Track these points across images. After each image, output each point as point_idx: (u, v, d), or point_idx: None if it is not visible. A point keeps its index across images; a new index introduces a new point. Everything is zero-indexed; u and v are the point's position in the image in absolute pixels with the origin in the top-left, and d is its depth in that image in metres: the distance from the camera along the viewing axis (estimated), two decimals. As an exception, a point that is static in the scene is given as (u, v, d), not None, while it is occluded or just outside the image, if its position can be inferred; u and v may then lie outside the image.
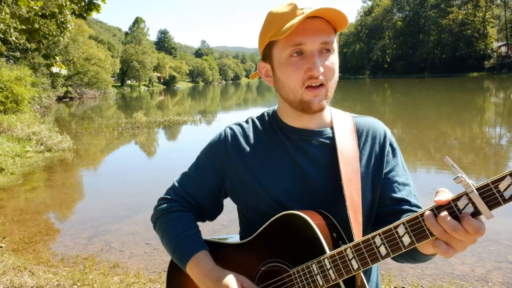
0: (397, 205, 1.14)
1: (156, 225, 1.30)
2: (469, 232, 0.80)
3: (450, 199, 0.83)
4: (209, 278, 1.11)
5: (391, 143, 1.22)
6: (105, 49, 68.07)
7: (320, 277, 1.00)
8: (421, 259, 1.03)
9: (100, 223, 5.80)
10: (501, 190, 0.77)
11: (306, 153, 1.17)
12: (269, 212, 1.12)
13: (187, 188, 1.28)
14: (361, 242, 0.95)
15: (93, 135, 16.00)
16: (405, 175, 1.20)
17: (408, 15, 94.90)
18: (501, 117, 17.70)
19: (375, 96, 35.59)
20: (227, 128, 1.29)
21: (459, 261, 4.03)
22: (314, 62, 1.05)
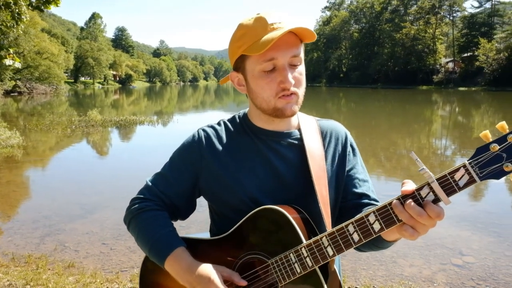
0: (358, 199, 1.27)
1: (130, 225, 1.31)
2: (431, 216, 0.93)
3: (414, 189, 0.96)
4: (189, 272, 1.15)
5: (351, 144, 1.35)
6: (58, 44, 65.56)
7: (298, 265, 1.10)
8: (384, 246, 1.15)
9: (53, 222, 5.62)
10: (456, 179, 0.92)
11: (277, 153, 1.26)
12: (243, 209, 1.20)
13: (161, 187, 1.31)
14: (336, 231, 1.06)
15: (44, 132, 15.39)
16: (364, 172, 1.34)
17: (364, 27, 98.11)
18: (447, 129, 18.71)
19: (331, 104, 36.51)
20: (200, 130, 1.34)
21: (408, 263, 4.27)
22: (286, 75, 1.13)
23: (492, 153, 0.90)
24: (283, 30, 1.09)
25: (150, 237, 1.23)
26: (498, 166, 0.89)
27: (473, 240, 4.94)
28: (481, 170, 0.90)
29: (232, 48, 1.21)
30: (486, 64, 60.79)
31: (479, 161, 0.91)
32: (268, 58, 1.13)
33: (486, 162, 0.90)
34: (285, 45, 1.12)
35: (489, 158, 0.90)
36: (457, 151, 12.84)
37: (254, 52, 1.12)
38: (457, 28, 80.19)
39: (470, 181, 0.91)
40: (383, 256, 4.35)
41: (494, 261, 4.34)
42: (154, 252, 1.22)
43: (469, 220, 5.58)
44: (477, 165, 0.90)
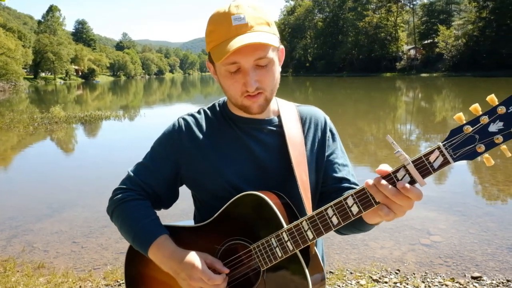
0: (339, 183, 1.29)
1: (113, 215, 1.32)
2: (409, 197, 0.96)
3: (390, 171, 0.99)
4: (173, 259, 1.16)
5: (331, 129, 1.37)
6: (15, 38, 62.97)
7: (279, 249, 1.12)
8: (365, 228, 1.18)
9: (19, 223, 5.44)
10: (431, 161, 0.94)
11: (257, 140, 1.27)
12: (225, 196, 1.21)
13: (143, 177, 1.32)
14: (315, 214, 1.08)
15: (4, 131, 14.80)
16: (344, 157, 1.36)
17: (328, 16, 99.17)
18: (411, 114, 19.25)
19: (298, 93, 36.78)
20: (180, 119, 1.34)
21: (379, 245, 4.39)
22: (248, 80, 1.13)
23: (465, 135, 0.92)
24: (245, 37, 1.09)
25: (133, 227, 1.24)
26: (471, 147, 0.92)
27: (439, 220, 5.13)
28: (455, 151, 0.93)
29: (205, 40, 1.21)
30: (446, 51, 62.87)
31: (452, 142, 0.93)
32: (230, 62, 1.13)
33: (460, 143, 0.92)
34: (247, 50, 1.10)
35: (463, 139, 0.92)
36: (421, 135, 13.24)
37: (215, 59, 1.14)
38: (417, 15, 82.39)
39: (445, 163, 0.93)
40: (355, 240, 4.45)
41: (459, 239, 4.52)
42: (137, 241, 1.23)
43: (435, 201, 5.78)
44: (450, 146, 0.93)
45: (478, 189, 6.79)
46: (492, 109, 0.90)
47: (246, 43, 1.07)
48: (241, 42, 1.07)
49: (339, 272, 3.79)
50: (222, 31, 1.12)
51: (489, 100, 0.90)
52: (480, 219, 5.16)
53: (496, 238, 4.52)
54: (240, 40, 1.09)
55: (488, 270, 3.81)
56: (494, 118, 0.90)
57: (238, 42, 1.08)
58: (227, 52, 1.08)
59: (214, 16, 1.17)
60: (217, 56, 1.12)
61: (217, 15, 1.16)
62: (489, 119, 0.90)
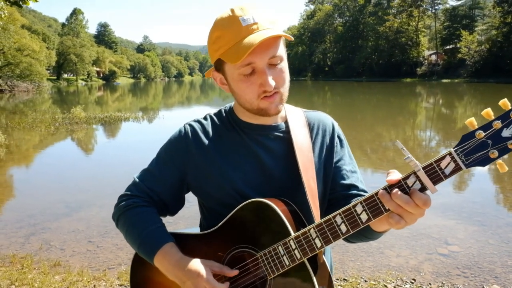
0: (347, 190, 1.27)
1: (119, 221, 1.31)
2: (418, 204, 0.93)
3: (400, 178, 0.96)
4: (178, 267, 1.15)
5: (339, 135, 1.35)
6: (39, 40, 64.39)
7: (287, 257, 1.09)
8: (373, 237, 1.15)
9: (38, 221, 5.54)
10: (442, 167, 0.92)
11: (264, 146, 1.25)
12: (231, 203, 1.20)
13: (149, 183, 1.31)
14: (323, 222, 1.06)
15: (27, 130, 15.14)
16: (352, 163, 1.34)
17: (348, 20, 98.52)
18: (431, 121, 18.94)
19: (316, 98, 36.62)
20: (186, 125, 1.33)
21: (395, 254, 4.32)
22: (266, 79, 1.11)
23: (477, 140, 0.89)
24: (258, 35, 1.07)
25: (139, 234, 1.23)
26: (483, 153, 0.89)
27: (458, 230, 5.01)
28: (467, 157, 0.90)
29: (210, 49, 1.19)
30: (468, 56, 61.65)
31: (464, 148, 0.90)
32: (246, 63, 1.11)
33: (472, 149, 0.90)
34: (262, 48, 1.09)
35: (475, 145, 0.90)
36: (441, 142, 13.01)
37: (230, 61, 1.11)
38: (439, 20, 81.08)
39: (456, 169, 0.91)
40: (370, 248, 4.39)
41: (478, 249, 4.41)
42: (143, 249, 1.21)
43: (454, 209, 5.66)
44: (462, 152, 0.90)
45: (499, 198, 6.61)
46: (505, 113, 0.87)
47: (265, 37, 1.05)
48: (259, 38, 1.05)
49: (353, 280, 3.74)
50: (233, 34, 1.10)
51: (501, 105, 0.87)
52: (500, 229, 5.03)
53: (516, 249, 4.39)
54: (255, 37, 1.07)
55: (508, 283, 3.71)
56: (507, 123, 0.87)
57: (255, 39, 1.06)
58: (246, 50, 1.05)
59: (219, 22, 1.14)
60: (234, 58, 1.09)
61: (222, 20, 1.13)
62: (502, 124, 0.88)
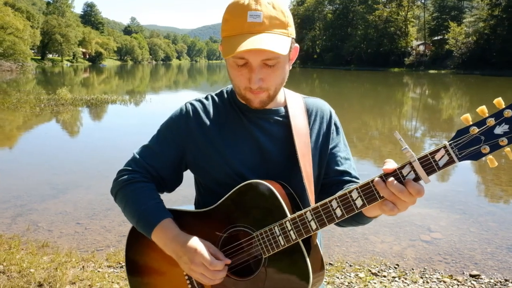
0: (340, 176, 1.32)
1: (117, 196, 1.32)
2: (412, 193, 0.98)
3: (396, 168, 1.01)
4: (176, 242, 1.18)
5: (335, 122, 1.39)
6: (23, 19, 62.86)
7: (282, 237, 1.14)
8: (364, 222, 1.20)
9: (24, 202, 5.51)
10: (436, 160, 0.97)
11: (263, 129, 1.28)
12: (229, 183, 1.23)
13: (148, 159, 1.32)
14: (320, 206, 1.10)
15: (11, 111, 14.89)
16: (346, 150, 1.38)
17: (338, 8, 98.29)
18: (417, 111, 19.17)
19: (304, 85, 36.65)
20: (187, 103, 1.35)
21: (379, 240, 4.42)
22: (253, 77, 1.14)
23: (471, 135, 0.94)
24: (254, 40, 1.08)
25: (137, 208, 1.25)
26: (476, 148, 0.94)
27: (440, 218, 5.15)
28: (460, 151, 0.95)
29: (221, 25, 1.21)
30: (456, 48, 62.18)
31: (458, 142, 0.95)
32: (239, 56, 1.13)
33: (465, 143, 0.95)
34: (256, 49, 1.09)
35: (468, 140, 0.94)
36: (426, 132, 13.21)
37: (224, 54, 1.13)
38: (428, 11, 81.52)
39: (450, 162, 0.96)
40: (356, 233, 4.49)
41: (459, 236, 4.54)
42: (141, 223, 1.24)
43: (438, 198, 5.79)
44: (456, 146, 0.95)
45: (481, 188, 6.79)
46: (499, 111, 0.92)
47: (254, 48, 1.07)
48: (251, 45, 1.07)
49: (339, 264, 3.83)
50: (236, 24, 1.13)
51: (496, 103, 0.92)
52: (481, 218, 5.18)
53: (496, 237, 4.54)
54: (250, 42, 1.08)
55: (486, 269, 3.84)
56: (500, 121, 0.92)
57: (248, 45, 1.08)
58: (235, 50, 1.08)
59: (232, 5, 1.16)
60: (226, 51, 1.12)
61: (235, 5, 1.15)
62: (495, 121, 0.92)
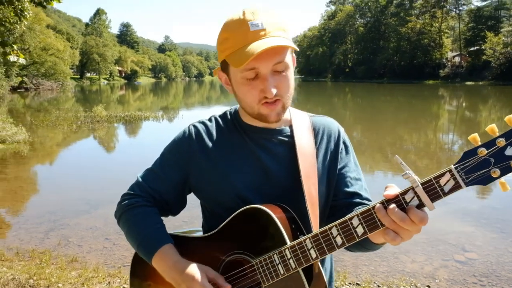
0: (350, 198, 1.24)
1: (120, 220, 1.32)
2: (414, 221, 0.91)
3: (398, 193, 0.94)
4: (175, 270, 1.15)
5: (344, 141, 1.32)
6: (64, 40, 65.82)
7: (281, 266, 1.08)
8: (372, 248, 1.13)
9: (57, 217, 5.67)
10: (441, 184, 0.89)
11: (267, 150, 1.24)
12: (233, 206, 1.19)
13: (151, 183, 1.31)
14: (319, 233, 1.04)
15: (50, 128, 15.49)
16: (357, 170, 1.30)
17: (369, 21, 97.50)
18: (454, 124, 18.60)
19: (336, 99, 36.39)
20: (190, 126, 1.33)
21: (410, 259, 4.26)
22: (267, 85, 1.11)
23: (479, 158, 0.86)
24: (263, 42, 1.07)
25: (138, 234, 1.24)
26: (485, 172, 0.86)
27: (476, 236, 4.91)
28: (468, 175, 0.87)
29: (218, 49, 1.20)
30: (493, 58, 60.25)
31: (465, 165, 0.87)
32: (249, 68, 1.11)
33: (473, 167, 0.87)
34: (267, 54, 1.08)
35: (476, 162, 0.86)
36: (464, 146, 12.75)
37: (234, 65, 1.11)
38: (464, 21, 79.48)
39: (456, 187, 0.88)
40: (385, 252, 4.34)
41: (497, 257, 4.31)
42: (142, 249, 1.22)
43: (473, 215, 5.55)
44: (463, 170, 0.87)
45: (520, 205, 6.46)
46: (510, 131, 0.84)
47: (269, 46, 1.05)
48: (263, 46, 1.05)
49: (366, 284, 3.71)
50: (239, 37, 1.10)
51: (507, 121, 0.82)
52: (521, 237, 4.91)
53: (537, 258, 4.28)
54: (260, 44, 1.07)
55: (526, 291, 3.62)
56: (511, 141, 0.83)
57: (259, 46, 1.06)
58: (249, 56, 1.05)
59: (228, 23, 1.15)
60: (237, 62, 1.09)
61: (232, 22, 1.14)
62: (506, 141, 0.84)
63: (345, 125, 1.37)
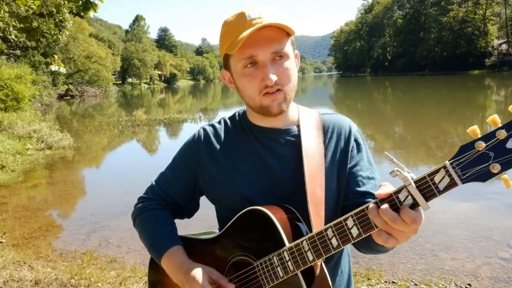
0: (361, 198, 1.17)
1: (135, 222, 1.37)
2: (406, 222, 0.86)
3: (391, 192, 0.89)
4: (180, 271, 1.17)
5: (356, 139, 1.26)
6: (105, 47, 68.14)
7: (280, 268, 1.06)
8: (379, 250, 1.09)
9: (99, 219, 5.88)
10: (436, 182, 0.82)
11: (272, 151, 1.23)
12: (239, 208, 1.17)
13: (163, 187, 1.35)
14: (315, 235, 1.01)
15: (94, 133, 16.09)
16: (371, 169, 1.23)
17: (408, 12, 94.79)
18: (503, 114, 17.64)
19: (376, 94, 35.62)
20: (200, 129, 1.35)
21: (450, 256, 4.10)
22: (267, 72, 1.10)
23: (477, 152, 0.79)
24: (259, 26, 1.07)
25: (149, 236, 1.28)
26: (483, 167, 0.79)
27: (523, 232, 4.66)
28: (464, 171, 0.80)
29: (220, 45, 1.21)
30: (544, 44, 56.96)
31: (461, 161, 0.80)
32: (247, 56, 1.11)
33: (470, 162, 0.80)
34: (264, 41, 1.09)
35: (474, 157, 0.79)
36: None
37: (231, 51, 1.11)
38: (510, 7, 75.56)
39: (451, 184, 0.81)
40: (423, 250, 4.20)
41: (545, 253, 4.07)
42: (152, 250, 1.26)
43: (520, 210, 5.27)
44: (459, 165, 0.81)
45: None
46: (511, 121, 0.77)
47: (264, 24, 1.06)
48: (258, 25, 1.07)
49: (403, 283, 3.60)
50: (237, 27, 1.11)
51: (511, 110, 0.75)
52: None
53: None
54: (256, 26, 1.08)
55: None
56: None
57: (258, 21, 1.08)
58: (243, 38, 1.06)
59: (227, 19, 1.17)
60: (233, 46, 1.09)
61: (231, 17, 1.16)
62: (507, 133, 0.76)
63: (386, 120, 1.32)
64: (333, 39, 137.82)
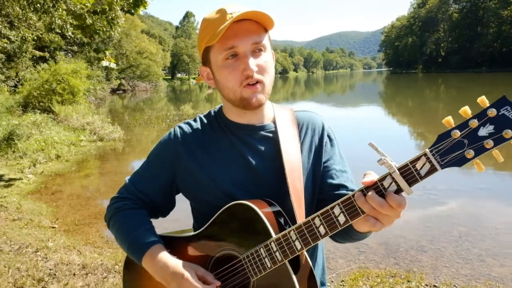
0: (336, 190, 1.24)
1: (110, 223, 1.34)
2: (392, 206, 0.92)
3: (376, 180, 0.95)
4: (165, 269, 1.16)
5: (329, 135, 1.32)
6: (156, 43, 70.09)
7: (268, 259, 1.10)
8: (357, 237, 1.13)
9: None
10: (418, 168, 0.90)
11: (250, 147, 1.25)
12: (219, 204, 1.19)
13: (139, 186, 1.34)
14: (303, 224, 1.05)
15: (143, 126, 16.65)
16: (342, 163, 1.30)
17: (465, 6, 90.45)
18: None
19: (428, 91, 34.34)
20: (176, 127, 1.35)
21: (498, 263, 3.91)
22: (247, 62, 1.13)
23: (453, 140, 0.88)
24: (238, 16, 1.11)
25: (127, 236, 1.25)
26: (459, 153, 0.88)
27: None
28: (442, 157, 0.89)
29: (198, 42, 1.23)
30: None
31: (439, 148, 0.89)
32: (228, 47, 1.14)
33: (447, 149, 0.88)
34: (244, 32, 1.13)
35: (451, 145, 0.88)
36: None
37: (211, 42, 1.14)
38: None
39: (431, 170, 0.89)
40: (470, 254, 4.03)
41: None
42: (131, 251, 1.24)
43: None
44: (438, 153, 0.89)
45: None
46: (482, 112, 0.86)
47: (246, 11, 1.11)
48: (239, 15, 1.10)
49: (445, 287, 3.47)
50: (217, 21, 1.14)
51: (480, 102, 0.85)
52: None
53: None
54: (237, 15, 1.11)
55: None
56: (484, 122, 0.86)
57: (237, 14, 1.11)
58: (225, 27, 1.09)
59: (206, 16, 1.21)
60: (214, 37, 1.12)
61: (210, 14, 1.20)
62: (478, 122, 0.86)
63: (438, 118, 1.33)
64: (383, 35, 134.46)
